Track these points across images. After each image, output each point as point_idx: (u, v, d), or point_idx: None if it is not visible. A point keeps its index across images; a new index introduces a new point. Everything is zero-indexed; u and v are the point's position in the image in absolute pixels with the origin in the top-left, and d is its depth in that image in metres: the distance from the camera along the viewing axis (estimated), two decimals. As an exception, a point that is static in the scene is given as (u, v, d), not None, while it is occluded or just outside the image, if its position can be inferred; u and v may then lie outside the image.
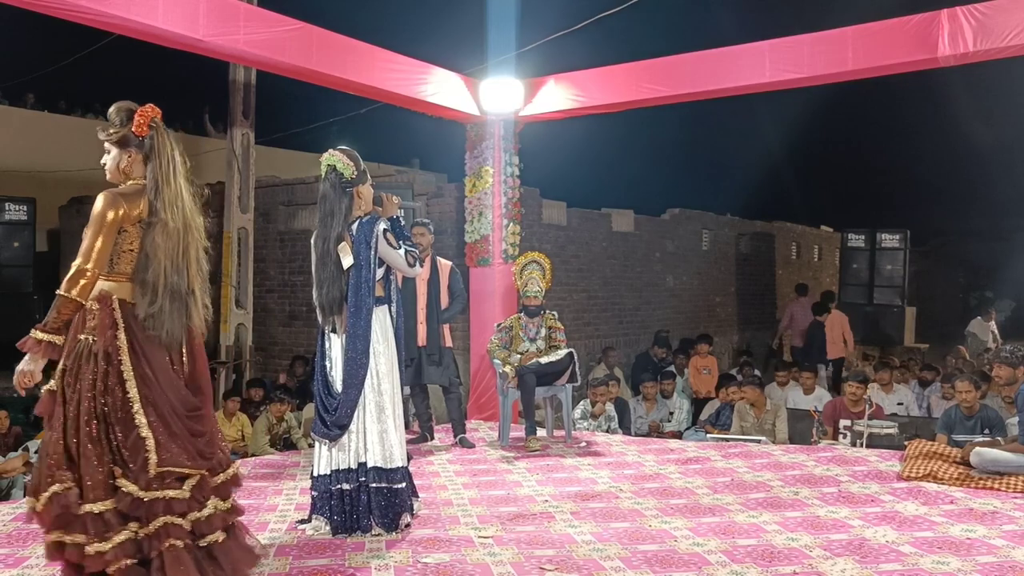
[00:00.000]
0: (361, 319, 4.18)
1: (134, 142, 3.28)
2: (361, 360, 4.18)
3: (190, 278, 3.24)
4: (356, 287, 4.20)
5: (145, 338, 3.13)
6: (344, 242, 4.25)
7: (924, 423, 8.06)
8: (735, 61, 7.05)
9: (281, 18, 6.21)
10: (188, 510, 3.11)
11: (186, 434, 3.16)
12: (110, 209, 3.11)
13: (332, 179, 4.29)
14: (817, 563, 3.73)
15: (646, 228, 13.10)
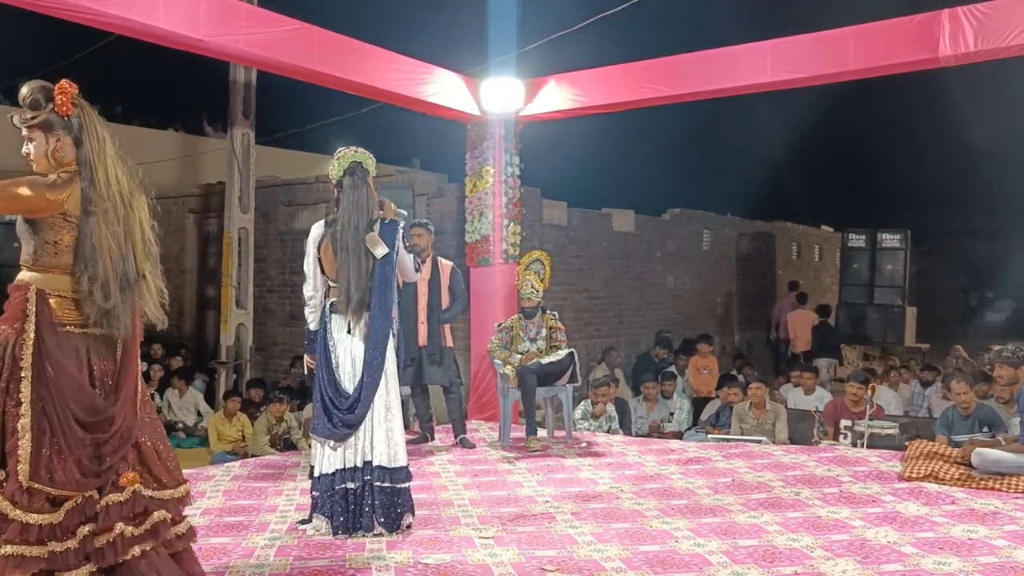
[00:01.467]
0: (386, 320, 4.20)
1: (59, 124, 3.00)
2: (381, 361, 4.20)
3: (138, 263, 3.02)
4: (381, 288, 4.20)
5: (58, 335, 2.85)
6: (372, 233, 4.21)
7: (925, 423, 8.06)
8: (736, 61, 7.05)
9: (281, 18, 6.21)
10: (53, 537, 2.75)
11: (81, 448, 2.82)
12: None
13: (357, 174, 4.26)
14: (818, 564, 3.73)
15: (647, 228, 13.10)
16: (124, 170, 3.02)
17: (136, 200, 3.04)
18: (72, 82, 3.03)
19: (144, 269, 3.06)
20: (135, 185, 3.05)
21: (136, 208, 3.03)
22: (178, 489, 3.10)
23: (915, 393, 9.89)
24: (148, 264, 3.08)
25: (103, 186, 2.94)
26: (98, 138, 2.99)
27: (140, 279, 3.04)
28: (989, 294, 20.86)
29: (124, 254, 2.96)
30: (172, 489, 3.08)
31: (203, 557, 3.86)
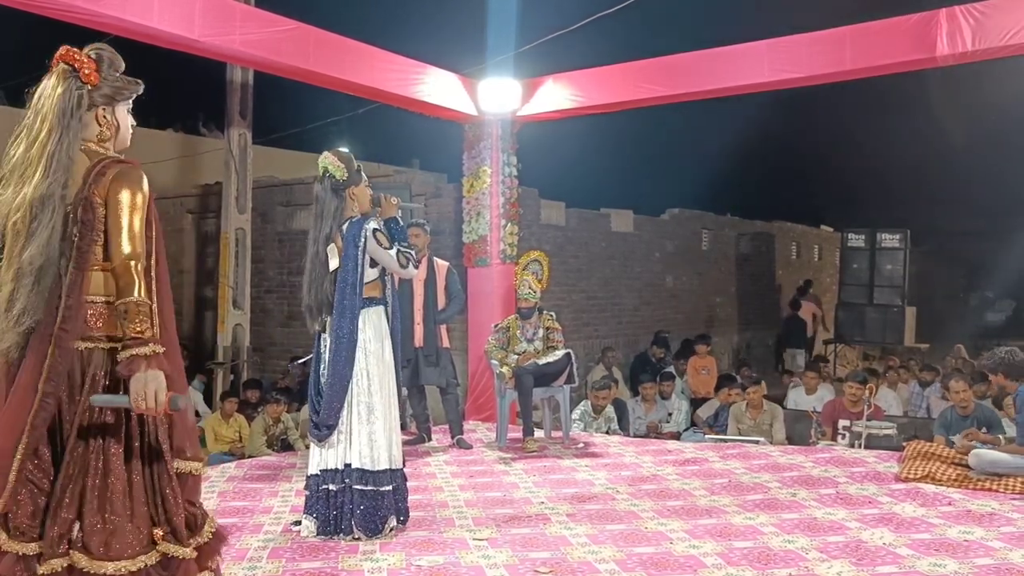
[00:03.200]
0: (345, 320, 4.17)
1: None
2: (345, 360, 4.16)
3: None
4: (341, 288, 4.20)
5: None
6: (333, 243, 4.25)
7: (923, 424, 8.04)
8: (733, 61, 7.04)
9: (277, 18, 6.20)
10: None
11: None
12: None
13: (325, 181, 4.30)
14: (813, 565, 3.71)
15: (645, 228, 13.08)
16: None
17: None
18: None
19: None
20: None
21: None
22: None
23: (914, 393, 9.87)
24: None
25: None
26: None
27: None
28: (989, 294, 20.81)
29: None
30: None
31: (196, 559, 3.87)
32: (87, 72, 2.53)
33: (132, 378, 2.36)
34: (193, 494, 2.59)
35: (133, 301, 2.39)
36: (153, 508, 2.48)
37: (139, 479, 2.48)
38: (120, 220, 2.45)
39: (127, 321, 2.39)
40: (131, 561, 2.40)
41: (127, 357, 2.37)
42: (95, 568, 2.37)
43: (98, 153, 2.57)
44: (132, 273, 2.42)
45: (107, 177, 2.50)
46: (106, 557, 2.38)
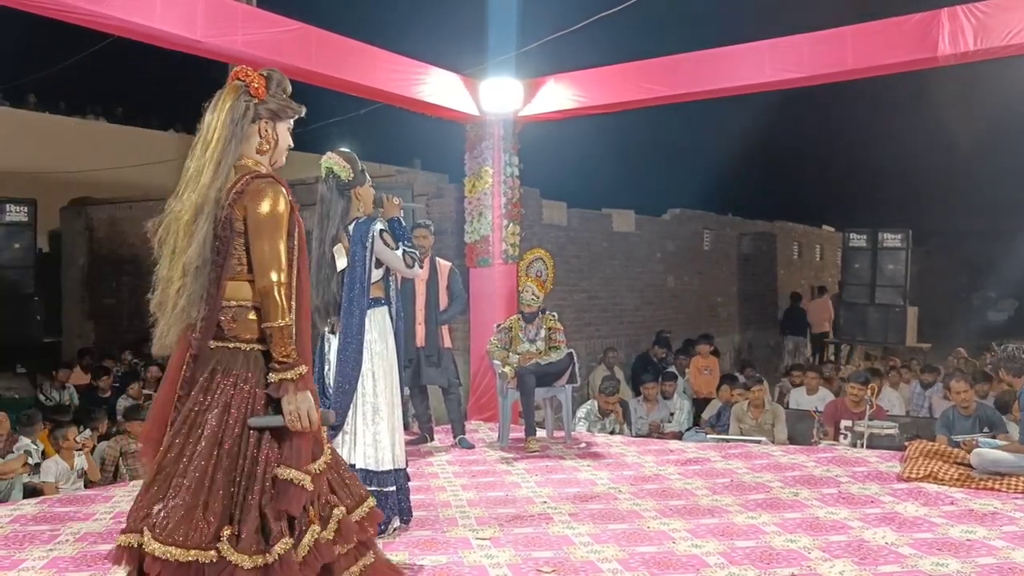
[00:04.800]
0: (354, 320, 4.18)
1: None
2: (355, 361, 4.17)
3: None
4: (350, 288, 4.21)
5: None
6: (340, 244, 4.25)
7: (925, 423, 8.04)
8: (735, 61, 7.04)
9: (279, 19, 6.20)
10: None
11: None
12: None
13: (329, 182, 4.31)
14: (816, 564, 3.72)
15: (647, 228, 13.08)
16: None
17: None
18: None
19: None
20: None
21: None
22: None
23: (915, 393, 9.88)
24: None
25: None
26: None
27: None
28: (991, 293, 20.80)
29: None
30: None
31: (199, 559, 3.87)
32: (256, 87, 2.73)
33: (283, 400, 2.54)
34: (289, 505, 2.56)
35: (277, 326, 2.55)
36: (232, 508, 2.53)
37: (222, 477, 2.52)
38: (262, 241, 2.60)
39: (273, 345, 2.56)
40: (184, 551, 2.44)
41: (276, 381, 2.56)
42: (147, 545, 2.46)
43: (245, 168, 2.71)
44: (275, 297, 2.56)
45: (245, 195, 2.63)
46: (162, 539, 2.45)
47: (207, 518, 2.47)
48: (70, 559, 3.91)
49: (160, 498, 2.53)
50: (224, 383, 2.60)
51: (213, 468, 2.52)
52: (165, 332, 2.65)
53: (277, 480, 2.56)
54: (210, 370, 2.61)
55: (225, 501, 2.51)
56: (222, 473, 2.52)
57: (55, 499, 5.09)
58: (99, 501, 4.97)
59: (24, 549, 4.06)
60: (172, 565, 2.44)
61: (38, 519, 4.58)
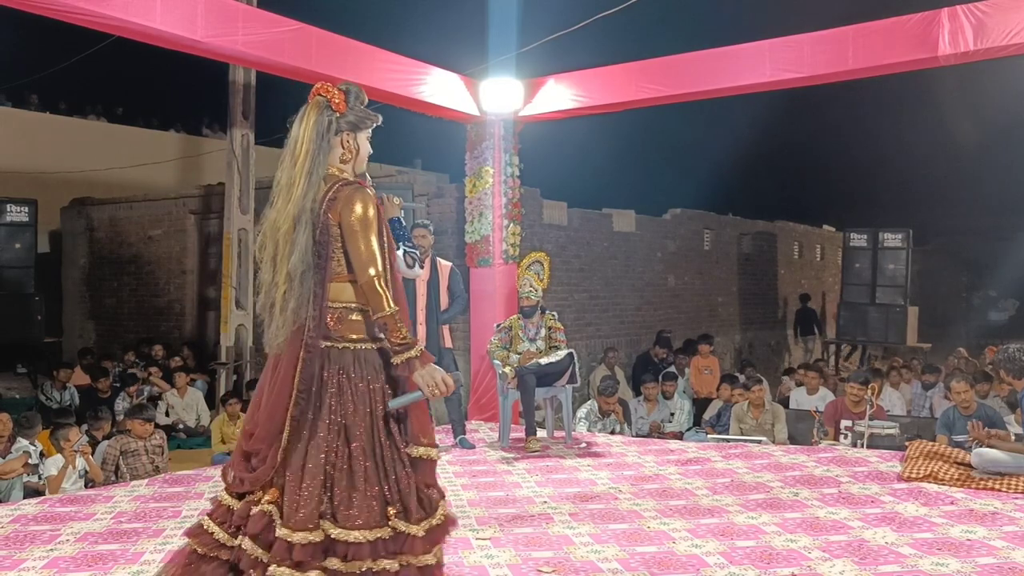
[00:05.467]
0: None
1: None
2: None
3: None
4: None
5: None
6: None
7: (926, 424, 8.04)
8: (735, 60, 7.04)
9: (280, 19, 6.20)
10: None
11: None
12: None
13: None
14: (816, 564, 3.72)
15: (647, 228, 13.08)
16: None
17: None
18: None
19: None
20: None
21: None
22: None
23: (916, 394, 9.88)
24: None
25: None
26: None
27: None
28: (992, 293, 20.80)
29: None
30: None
31: (199, 558, 3.87)
32: (336, 102, 2.94)
33: (415, 375, 2.79)
34: (428, 477, 2.86)
35: (388, 315, 2.78)
36: (387, 489, 2.78)
37: (372, 464, 2.78)
38: (358, 241, 2.82)
39: (389, 332, 2.80)
40: (369, 532, 2.71)
41: (403, 360, 2.79)
42: (342, 536, 2.69)
43: (333, 177, 2.93)
44: (378, 290, 2.78)
45: (338, 201, 2.85)
46: (351, 527, 2.70)
47: (371, 501, 2.74)
48: (71, 559, 3.91)
49: (327, 494, 2.75)
50: (341, 380, 2.81)
51: (362, 458, 2.76)
52: (276, 333, 2.87)
53: (411, 458, 2.84)
54: (325, 368, 2.82)
55: (379, 485, 2.76)
56: (370, 462, 2.77)
57: (55, 499, 5.09)
58: (99, 501, 4.97)
59: (25, 549, 4.06)
60: (364, 546, 2.69)
61: (38, 519, 4.58)
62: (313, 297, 2.84)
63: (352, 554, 2.69)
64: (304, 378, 2.81)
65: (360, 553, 2.69)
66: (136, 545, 4.10)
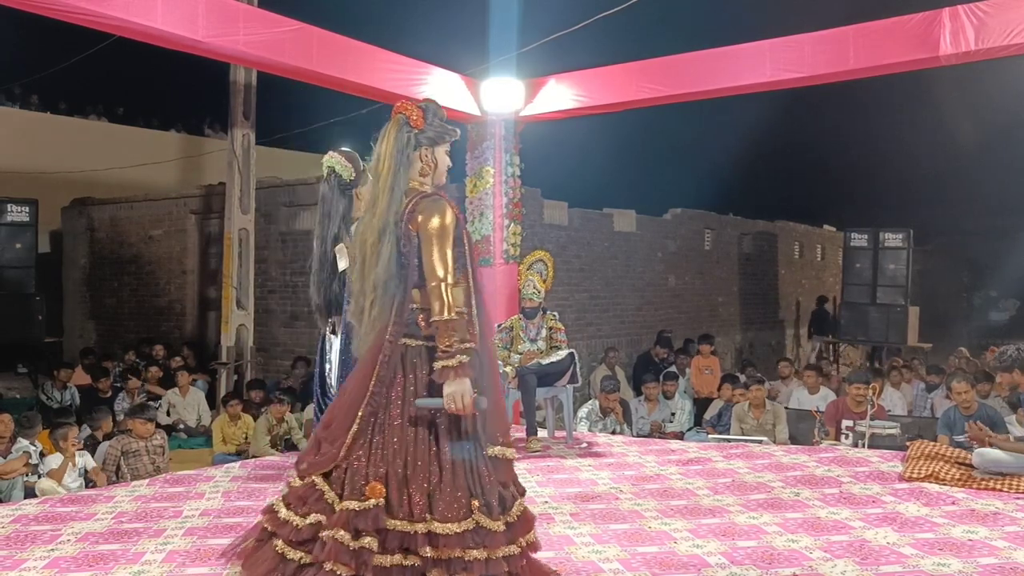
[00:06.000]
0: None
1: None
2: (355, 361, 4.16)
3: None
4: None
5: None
6: (341, 243, 4.25)
7: (927, 424, 8.04)
8: (736, 60, 7.03)
9: (280, 18, 6.20)
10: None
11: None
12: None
13: (331, 181, 4.31)
14: (817, 565, 3.71)
15: (648, 228, 13.09)
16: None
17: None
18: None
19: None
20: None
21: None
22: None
23: (918, 394, 9.87)
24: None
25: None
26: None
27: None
28: (993, 293, 20.81)
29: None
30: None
31: (201, 558, 3.88)
32: (415, 118, 3.13)
33: (444, 384, 2.92)
34: (505, 475, 3.07)
35: (442, 320, 2.93)
36: (471, 484, 2.96)
37: (458, 460, 2.97)
38: (430, 249, 2.98)
39: (438, 336, 2.94)
40: (456, 524, 2.89)
41: (439, 368, 2.93)
42: (435, 528, 2.88)
43: (414, 190, 3.12)
44: (440, 295, 2.94)
45: (417, 212, 3.03)
46: (440, 519, 2.88)
47: (457, 495, 2.92)
48: (72, 559, 3.91)
49: (416, 487, 2.93)
50: (420, 377, 3.00)
51: (450, 453, 2.95)
52: (364, 338, 3.10)
53: (491, 457, 3.03)
54: (409, 366, 3.02)
55: (463, 479, 2.95)
56: (456, 458, 2.96)
57: (56, 499, 5.09)
58: (100, 501, 4.97)
59: (25, 549, 4.06)
60: (452, 538, 2.88)
61: (39, 519, 4.58)
62: (396, 304, 3.03)
63: (443, 543, 2.88)
64: (381, 376, 3.00)
65: (450, 543, 2.88)
66: (137, 545, 4.09)
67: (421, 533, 2.88)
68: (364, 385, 3.03)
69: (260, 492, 5.17)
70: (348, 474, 2.96)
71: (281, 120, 14.33)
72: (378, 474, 2.94)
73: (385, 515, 2.90)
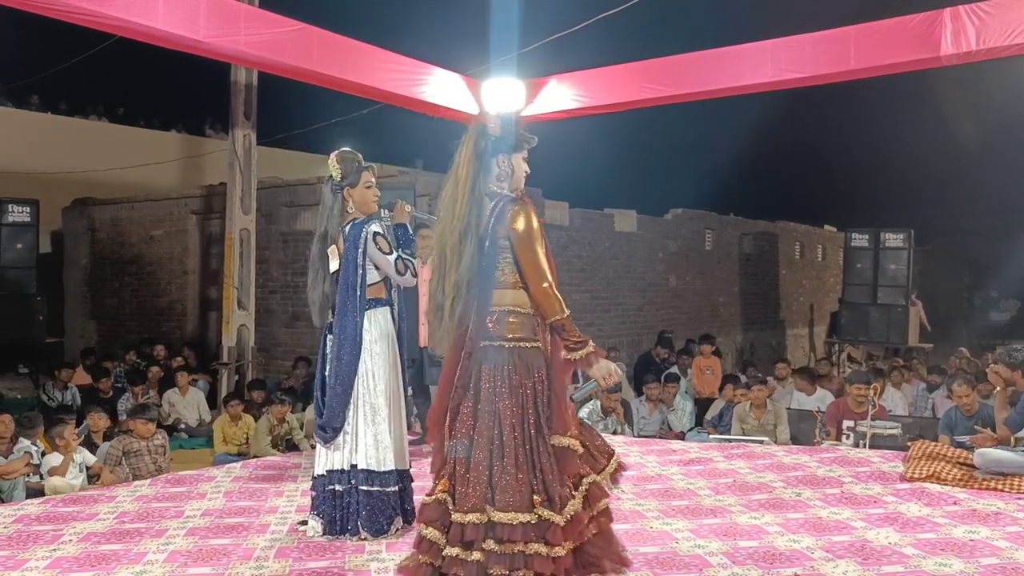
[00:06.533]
0: (348, 320, 4.17)
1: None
2: (349, 360, 4.16)
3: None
4: (344, 288, 4.20)
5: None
6: (334, 244, 4.26)
7: (928, 424, 8.03)
8: (737, 61, 7.04)
9: (281, 19, 6.21)
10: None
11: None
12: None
13: (327, 182, 4.33)
14: (819, 565, 3.71)
15: (649, 228, 13.08)
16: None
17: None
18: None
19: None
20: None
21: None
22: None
23: (919, 394, 9.87)
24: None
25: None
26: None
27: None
28: (993, 293, 20.79)
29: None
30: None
31: (203, 558, 3.88)
32: (491, 126, 3.29)
33: (592, 368, 3.15)
34: (569, 467, 3.14)
35: (562, 318, 3.11)
36: (533, 477, 3.05)
37: (522, 452, 3.07)
38: (530, 254, 3.13)
39: (565, 333, 3.12)
40: (517, 514, 2.99)
41: (583, 356, 3.12)
42: (498, 517, 3.00)
43: (496, 194, 3.25)
44: (551, 297, 3.11)
45: (507, 216, 3.16)
46: (505, 508, 3.00)
47: (521, 488, 3.02)
48: (73, 559, 3.91)
49: (484, 478, 3.06)
50: (496, 375, 3.12)
51: (513, 446, 3.06)
52: (443, 336, 3.24)
53: (555, 448, 3.10)
54: (484, 365, 3.14)
55: (527, 473, 3.05)
56: (521, 450, 3.06)
57: (58, 499, 5.09)
58: (102, 501, 4.97)
59: (28, 549, 4.06)
60: (517, 528, 2.98)
61: (41, 519, 4.58)
62: (477, 304, 3.17)
63: (507, 536, 2.98)
64: (463, 375, 3.17)
65: (513, 535, 2.97)
66: (139, 545, 4.10)
67: (482, 524, 2.99)
68: (449, 383, 3.21)
69: (261, 492, 5.17)
70: (456, 482, 3.13)
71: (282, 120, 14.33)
72: (446, 468, 3.12)
73: (451, 508, 3.07)
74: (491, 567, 2.98)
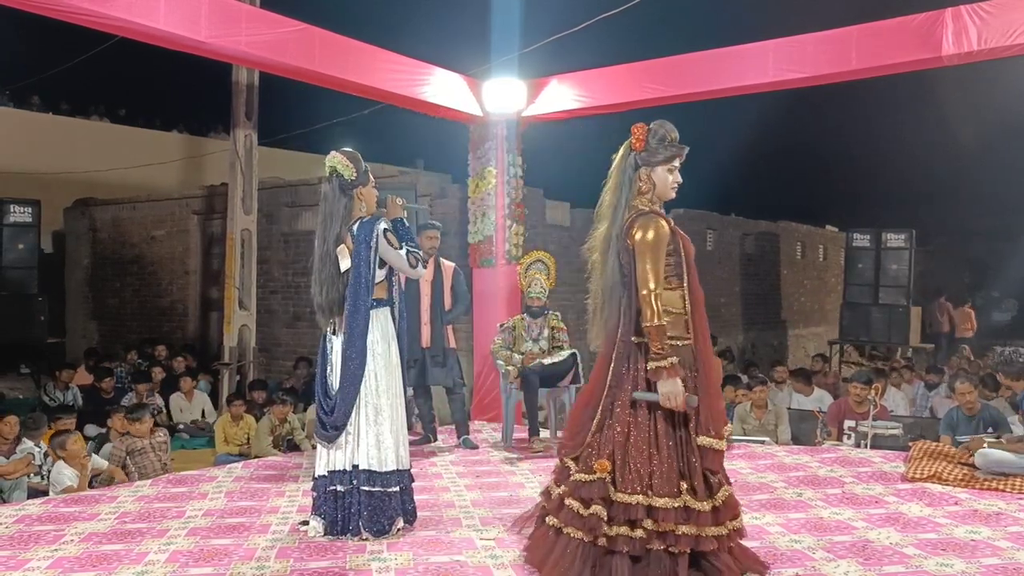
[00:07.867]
0: (359, 320, 4.16)
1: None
2: (358, 361, 4.15)
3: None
4: (355, 288, 4.19)
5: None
6: (343, 244, 4.24)
7: (929, 424, 8.03)
8: (739, 61, 7.03)
9: (283, 19, 6.21)
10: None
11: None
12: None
13: (333, 181, 4.28)
14: (820, 565, 3.71)
15: (650, 228, 13.04)
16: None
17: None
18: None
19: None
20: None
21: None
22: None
23: (919, 394, 9.87)
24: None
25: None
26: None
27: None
28: (994, 293, 20.75)
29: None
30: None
31: (204, 558, 3.88)
32: (635, 141, 3.51)
33: (659, 383, 3.33)
34: (714, 464, 3.41)
35: (653, 326, 3.32)
36: (682, 467, 3.37)
37: (672, 443, 3.37)
38: (641, 262, 3.37)
39: (650, 340, 3.34)
40: (669, 499, 3.29)
41: (654, 368, 3.33)
42: (655, 502, 3.29)
43: (634, 208, 3.49)
44: (648, 304, 3.33)
45: (633, 228, 3.42)
46: (659, 494, 3.30)
47: (670, 476, 3.32)
48: (75, 559, 3.91)
49: (639, 465, 3.34)
50: (642, 369, 3.39)
51: (665, 437, 3.36)
52: (596, 335, 3.60)
53: (700, 447, 3.38)
54: (632, 360, 3.43)
55: (674, 463, 3.35)
56: (672, 441, 3.37)
57: (59, 499, 5.10)
58: (104, 501, 4.98)
59: (29, 549, 4.07)
60: (670, 512, 3.28)
61: (43, 519, 4.59)
62: (621, 307, 3.48)
63: (661, 518, 3.27)
64: (616, 370, 3.46)
65: (667, 518, 3.27)
66: (140, 545, 4.10)
67: (643, 506, 3.28)
68: (603, 377, 3.50)
69: (263, 492, 5.18)
70: (585, 453, 3.45)
71: (283, 121, 14.34)
72: (606, 453, 3.38)
73: (611, 487, 3.33)
74: (651, 543, 3.28)
